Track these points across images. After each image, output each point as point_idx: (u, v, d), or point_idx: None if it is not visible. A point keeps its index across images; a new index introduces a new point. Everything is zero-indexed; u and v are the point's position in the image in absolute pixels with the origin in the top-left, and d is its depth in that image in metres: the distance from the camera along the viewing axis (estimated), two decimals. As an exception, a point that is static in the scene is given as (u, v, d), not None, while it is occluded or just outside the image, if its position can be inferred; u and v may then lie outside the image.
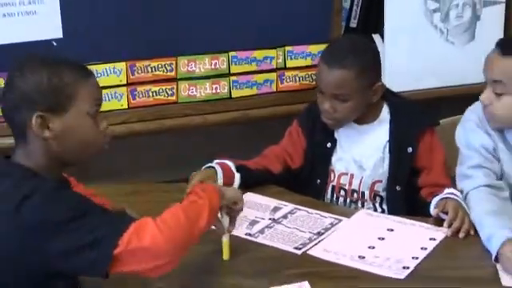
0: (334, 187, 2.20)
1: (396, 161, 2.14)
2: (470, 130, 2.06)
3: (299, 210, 2.02)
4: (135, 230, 1.44)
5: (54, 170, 1.61)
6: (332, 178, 2.19)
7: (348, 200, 2.19)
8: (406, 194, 2.13)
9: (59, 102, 1.55)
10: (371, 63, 2.14)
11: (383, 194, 2.17)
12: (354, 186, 2.17)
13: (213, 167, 2.07)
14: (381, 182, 2.16)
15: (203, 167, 2.09)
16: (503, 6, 2.96)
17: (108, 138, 1.68)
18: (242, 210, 1.75)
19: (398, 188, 2.14)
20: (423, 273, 1.72)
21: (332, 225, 1.94)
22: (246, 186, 2.08)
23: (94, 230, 1.45)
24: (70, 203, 1.49)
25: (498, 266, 1.73)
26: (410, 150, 2.12)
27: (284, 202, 2.06)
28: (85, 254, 1.44)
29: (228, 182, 2.06)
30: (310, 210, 2.02)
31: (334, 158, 2.19)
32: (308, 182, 2.20)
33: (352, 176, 2.17)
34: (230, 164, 2.10)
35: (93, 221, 1.46)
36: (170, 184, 2.29)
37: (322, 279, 1.69)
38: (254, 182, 2.12)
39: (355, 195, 2.18)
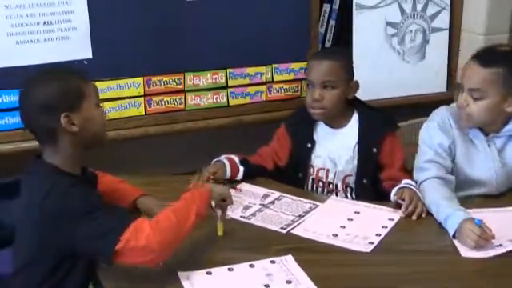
0: (313, 180, 2.20)
1: (363, 159, 2.14)
2: (432, 130, 2.04)
3: (284, 197, 2.03)
4: (134, 230, 1.45)
5: (77, 163, 1.63)
6: (312, 172, 2.19)
7: (325, 190, 2.19)
8: (372, 186, 2.14)
9: (74, 102, 1.58)
10: (350, 62, 2.19)
11: (353, 185, 2.17)
12: (330, 178, 2.18)
13: (221, 161, 2.08)
14: (351, 175, 2.16)
15: (213, 161, 2.10)
16: (447, 32, 2.97)
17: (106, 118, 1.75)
18: (230, 204, 1.76)
19: (365, 181, 2.14)
20: (386, 246, 1.74)
21: (311, 209, 1.95)
22: (246, 177, 2.10)
23: (101, 225, 1.47)
24: (83, 200, 1.50)
25: (456, 241, 1.73)
26: (374, 150, 2.12)
27: (272, 191, 2.06)
28: (94, 243, 1.47)
29: (234, 172, 2.08)
30: (293, 197, 2.02)
31: (313, 156, 2.19)
32: (292, 175, 2.20)
33: (328, 171, 2.17)
34: (236, 158, 2.11)
35: (101, 217, 1.48)
36: (180, 176, 2.29)
37: (304, 253, 1.69)
38: (253, 174, 2.13)
39: (331, 186, 2.18)
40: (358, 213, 1.93)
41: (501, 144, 2.02)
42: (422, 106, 2.27)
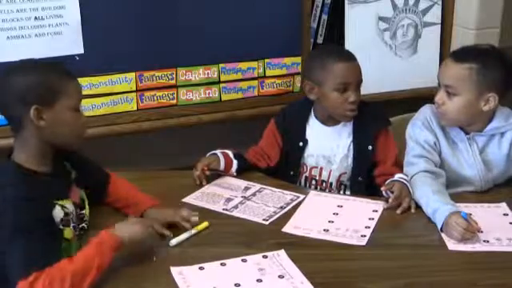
0: (306, 178, 2.18)
1: (358, 157, 2.12)
2: (417, 127, 2.06)
3: (265, 189, 2.03)
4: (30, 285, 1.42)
5: (46, 159, 1.61)
6: (305, 170, 2.17)
7: (318, 188, 2.16)
8: (366, 183, 2.12)
9: (49, 97, 1.55)
10: None
11: (347, 183, 2.15)
12: (324, 177, 2.15)
13: (216, 154, 2.08)
14: (345, 173, 2.15)
15: (208, 154, 2.09)
16: (439, 26, 2.98)
17: (86, 127, 1.68)
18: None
19: (360, 179, 2.12)
20: (376, 241, 1.74)
21: (292, 200, 1.95)
22: (240, 172, 2.09)
23: (22, 252, 1.45)
24: (19, 217, 1.48)
25: (443, 235, 1.74)
26: (369, 147, 2.10)
27: (252, 183, 2.06)
28: (8, 263, 1.48)
29: (228, 166, 2.07)
30: (274, 189, 2.02)
31: (305, 154, 2.16)
32: (284, 173, 2.17)
33: (321, 169, 2.15)
34: (229, 152, 2.10)
35: (27, 244, 1.46)
36: (172, 171, 2.30)
37: (297, 247, 1.70)
38: (246, 170, 2.12)
39: (324, 184, 2.16)
40: (341, 206, 1.92)
41: (482, 143, 2.02)
42: (413, 101, 2.28)
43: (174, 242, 1.70)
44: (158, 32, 2.53)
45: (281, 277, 1.56)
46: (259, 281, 1.54)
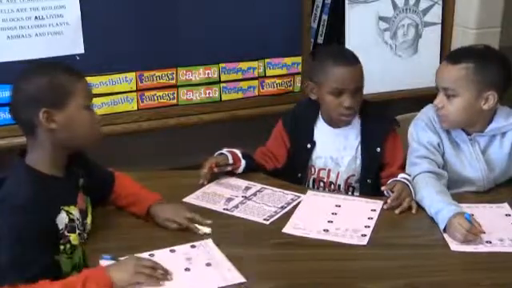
0: (314, 180, 2.15)
1: (367, 159, 2.10)
2: (420, 128, 2.05)
3: (266, 188, 2.01)
4: None
5: (58, 163, 1.61)
6: (313, 172, 2.15)
7: (326, 190, 2.14)
8: (376, 185, 2.09)
9: (59, 99, 1.55)
10: None
11: (355, 184, 2.14)
12: (332, 179, 2.13)
13: (223, 153, 2.06)
14: (354, 175, 2.13)
15: (216, 153, 2.07)
16: (439, 26, 2.98)
17: (100, 126, 1.68)
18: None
19: (369, 181, 2.10)
20: (379, 241, 1.72)
21: (293, 200, 1.94)
22: (246, 172, 2.08)
23: (11, 257, 1.44)
24: (21, 219, 1.47)
25: (446, 235, 1.73)
26: (378, 149, 2.09)
27: (253, 182, 2.04)
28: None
29: (236, 165, 2.05)
30: (275, 189, 2.00)
31: (313, 156, 2.13)
32: (291, 175, 2.14)
33: (330, 171, 2.13)
34: (238, 152, 2.08)
35: (19, 250, 1.44)
36: (172, 171, 2.30)
37: (296, 247, 1.69)
38: (253, 170, 2.10)
39: (332, 186, 2.14)
40: (339, 206, 1.91)
41: (484, 143, 2.02)
42: (413, 101, 2.27)
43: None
44: (158, 32, 2.53)
45: (208, 265, 1.56)
46: (187, 270, 1.54)
